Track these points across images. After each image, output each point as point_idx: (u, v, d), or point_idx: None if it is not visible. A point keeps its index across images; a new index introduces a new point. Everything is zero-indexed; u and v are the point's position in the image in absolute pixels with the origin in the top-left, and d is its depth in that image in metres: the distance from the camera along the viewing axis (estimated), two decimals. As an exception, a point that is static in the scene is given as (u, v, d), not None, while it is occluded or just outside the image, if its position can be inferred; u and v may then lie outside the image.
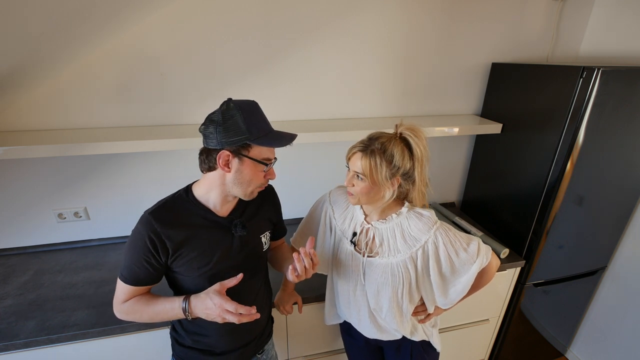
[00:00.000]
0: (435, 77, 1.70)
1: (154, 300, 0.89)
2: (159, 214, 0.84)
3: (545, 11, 1.68)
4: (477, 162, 1.90)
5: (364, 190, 0.92)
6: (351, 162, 0.93)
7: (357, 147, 0.92)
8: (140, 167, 1.53)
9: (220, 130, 0.78)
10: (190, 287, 0.91)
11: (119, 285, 0.88)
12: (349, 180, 0.94)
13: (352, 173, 0.93)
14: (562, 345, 2.03)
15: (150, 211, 0.85)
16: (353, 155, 0.92)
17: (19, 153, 1.18)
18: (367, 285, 1.03)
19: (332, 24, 1.47)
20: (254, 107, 0.83)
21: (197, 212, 0.88)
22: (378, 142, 0.90)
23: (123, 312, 0.89)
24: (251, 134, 0.79)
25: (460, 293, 1.00)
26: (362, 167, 0.89)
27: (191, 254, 0.86)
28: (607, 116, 1.29)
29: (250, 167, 0.83)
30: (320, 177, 1.76)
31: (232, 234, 0.92)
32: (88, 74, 1.33)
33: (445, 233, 0.96)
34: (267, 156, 0.85)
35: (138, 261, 0.84)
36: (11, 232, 1.51)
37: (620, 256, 1.74)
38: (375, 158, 0.88)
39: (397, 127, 0.93)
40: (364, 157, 0.89)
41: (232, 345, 1.00)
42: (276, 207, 1.08)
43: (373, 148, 0.89)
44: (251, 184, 0.86)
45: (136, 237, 0.84)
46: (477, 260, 0.95)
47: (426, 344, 1.16)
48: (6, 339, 1.08)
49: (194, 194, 0.90)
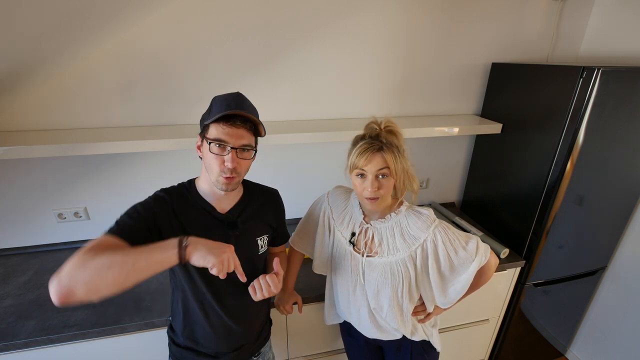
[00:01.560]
0: (435, 77, 1.70)
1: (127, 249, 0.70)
2: (169, 195, 0.88)
3: (545, 11, 1.68)
4: (477, 162, 1.90)
5: (389, 189, 0.92)
6: (372, 165, 0.88)
7: (370, 148, 0.88)
8: (141, 167, 1.53)
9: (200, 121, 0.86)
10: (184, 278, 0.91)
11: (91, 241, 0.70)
12: (373, 185, 0.89)
13: (373, 176, 0.89)
14: (562, 345, 2.03)
15: (161, 190, 0.90)
16: (373, 157, 0.88)
17: (20, 153, 1.18)
18: (367, 285, 1.03)
19: (332, 24, 1.47)
20: (229, 94, 0.84)
21: (196, 203, 0.89)
22: (382, 137, 0.90)
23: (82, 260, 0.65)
24: (209, 115, 0.81)
25: (459, 292, 1.00)
26: (387, 163, 0.88)
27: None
28: (607, 116, 1.29)
29: (205, 149, 0.83)
30: (320, 177, 1.75)
31: (227, 232, 0.91)
32: (88, 74, 1.33)
33: (444, 231, 0.96)
34: (217, 136, 0.79)
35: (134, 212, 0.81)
36: (11, 232, 1.51)
37: (620, 256, 1.74)
38: (393, 150, 0.89)
39: (378, 123, 0.93)
40: (386, 153, 0.88)
41: (226, 348, 0.99)
42: (277, 212, 1.06)
43: (385, 142, 0.89)
44: (211, 170, 0.83)
45: (145, 199, 0.86)
46: (475, 259, 0.95)
47: (426, 343, 1.16)
48: (6, 339, 1.08)
49: (195, 186, 0.92)
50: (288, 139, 1.38)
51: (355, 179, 0.93)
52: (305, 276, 1.35)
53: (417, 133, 1.53)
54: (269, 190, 1.06)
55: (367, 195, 0.91)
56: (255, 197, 0.99)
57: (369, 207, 0.95)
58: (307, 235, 1.18)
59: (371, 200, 0.92)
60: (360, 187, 0.93)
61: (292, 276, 1.23)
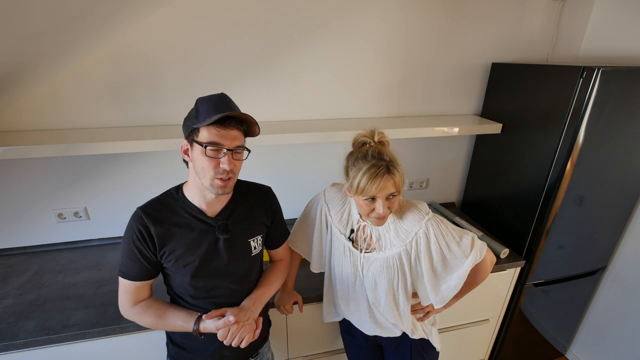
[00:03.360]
0: (435, 77, 1.70)
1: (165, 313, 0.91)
2: (149, 209, 0.87)
3: (545, 11, 1.68)
4: (477, 162, 1.90)
5: (397, 205, 0.93)
6: (382, 189, 0.87)
7: (379, 173, 0.86)
8: (140, 167, 1.53)
9: (185, 122, 0.84)
10: (179, 285, 0.92)
11: (121, 283, 0.89)
12: (385, 206, 0.89)
13: (384, 197, 0.88)
14: (562, 345, 2.03)
15: (141, 207, 0.88)
16: (384, 183, 0.86)
17: (19, 153, 1.18)
18: (365, 280, 1.04)
19: (332, 24, 1.47)
20: (214, 96, 0.82)
21: (185, 209, 0.89)
22: (385, 156, 0.89)
23: (131, 316, 0.90)
24: (198, 118, 0.79)
25: (453, 289, 0.98)
26: (396, 184, 0.88)
27: (176, 251, 0.87)
28: (607, 116, 1.29)
29: (196, 153, 0.81)
30: (320, 177, 1.75)
31: (217, 236, 0.91)
32: (88, 74, 1.33)
33: (437, 224, 0.96)
34: (211, 139, 0.78)
35: (132, 254, 0.86)
36: (11, 232, 1.52)
37: (620, 256, 1.74)
38: (398, 169, 0.89)
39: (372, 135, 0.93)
40: (394, 175, 0.88)
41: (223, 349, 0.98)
42: (270, 210, 1.03)
43: (389, 162, 0.88)
44: (205, 173, 0.81)
45: (128, 231, 0.87)
46: (470, 255, 0.94)
47: (425, 342, 1.16)
48: (6, 339, 1.08)
49: (183, 192, 0.91)
50: (286, 139, 1.38)
51: (363, 202, 0.91)
52: (305, 276, 1.35)
53: (417, 133, 1.53)
54: (260, 188, 1.04)
55: (378, 217, 0.91)
56: (245, 197, 0.98)
57: (377, 224, 0.95)
58: (305, 234, 1.18)
59: (381, 220, 0.93)
60: (368, 208, 0.91)
61: (291, 276, 1.23)
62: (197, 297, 0.93)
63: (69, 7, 0.90)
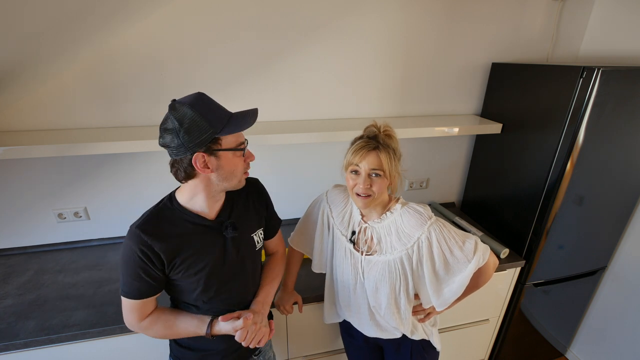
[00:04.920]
0: (435, 77, 1.70)
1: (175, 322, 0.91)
2: (147, 226, 0.81)
3: (545, 11, 1.68)
4: (477, 162, 1.90)
5: (382, 188, 0.92)
6: (366, 162, 0.90)
7: (366, 146, 0.90)
8: (140, 167, 1.53)
9: (183, 136, 0.74)
10: (189, 291, 0.90)
11: (125, 303, 0.85)
12: (365, 182, 0.91)
13: (366, 173, 0.91)
14: (562, 345, 2.03)
15: (137, 225, 0.81)
16: (368, 155, 0.90)
17: (19, 153, 1.18)
18: (367, 283, 1.04)
19: (332, 24, 1.47)
20: (203, 98, 0.78)
21: (185, 218, 0.85)
22: (379, 138, 0.91)
23: (140, 329, 0.89)
24: (215, 127, 0.76)
25: (455, 293, 0.98)
26: (382, 163, 0.89)
27: (186, 261, 0.84)
28: (607, 116, 1.29)
29: (228, 158, 0.81)
30: (320, 177, 1.75)
31: (224, 236, 0.90)
32: (88, 74, 1.33)
33: (439, 229, 0.95)
34: (240, 140, 0.84)
35: (136, 275, 0.81)
36: (11, 232, 1.52)
37: (620, 256, 1.74)
38: (389, 152, 0.90)
39: (377, 127, 0.95)
40: (381, 152, 0.89)
41: (227, 346, 0.99)
42: (262, 199, 1.04)
43: (382, 143, 0.90)
44: (236, 174, 0.85)
45: (128, 252, 0.80)
46: (473, 259, 0.94)
47: (426, 343, 1.16)
48: (6, 339, 1.08)
49: (178, 201, 0.87)
50: (286, 139, 1.38)
51: (349, 175, 0.95)
52: (305, 276, 1.35)
53: (417, 133, 1.53)
54: (248, 180, 1.02)
55: (358, 191, 0.93)
56: (238, 192, 0.96)
57: (359, 204, 0.96)
58: (307, 235, 1.18)
59: (361, 198, 0.93)
60: (353, 182, 0.94)
61: (292, 276, 1.23)
62: (208, 301, 0.92)
63: (69, 7, 0.90)
